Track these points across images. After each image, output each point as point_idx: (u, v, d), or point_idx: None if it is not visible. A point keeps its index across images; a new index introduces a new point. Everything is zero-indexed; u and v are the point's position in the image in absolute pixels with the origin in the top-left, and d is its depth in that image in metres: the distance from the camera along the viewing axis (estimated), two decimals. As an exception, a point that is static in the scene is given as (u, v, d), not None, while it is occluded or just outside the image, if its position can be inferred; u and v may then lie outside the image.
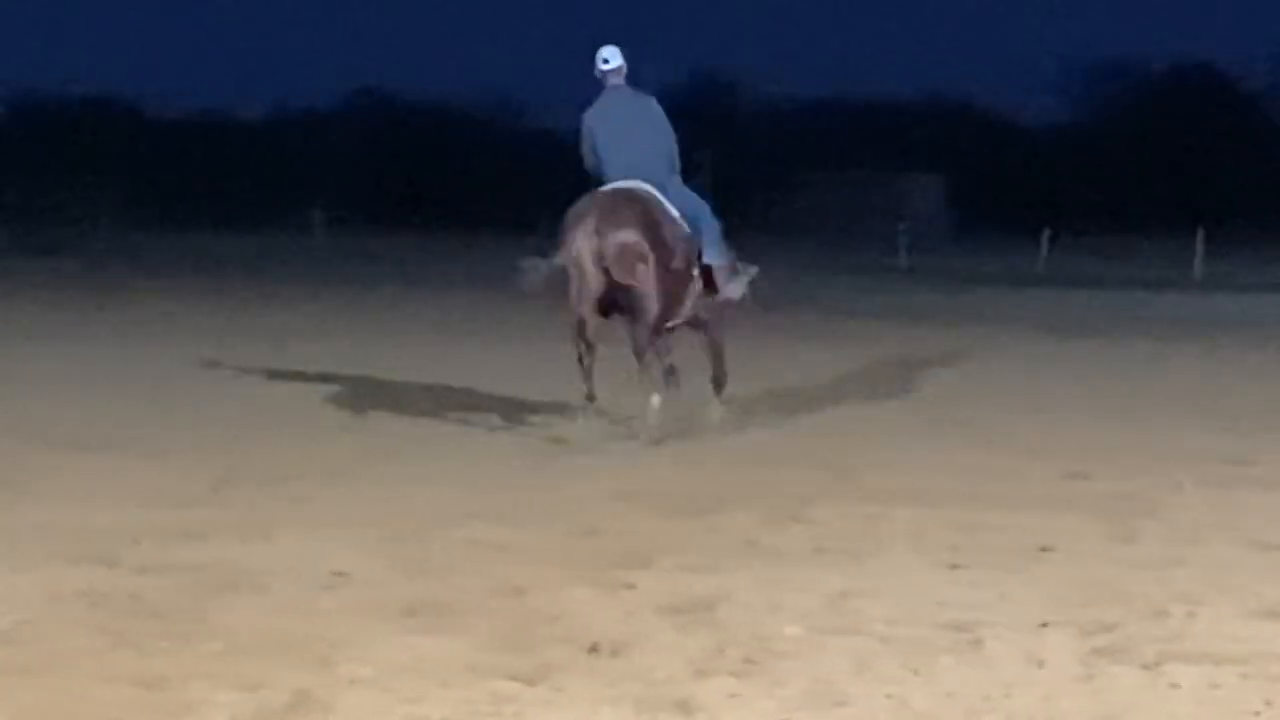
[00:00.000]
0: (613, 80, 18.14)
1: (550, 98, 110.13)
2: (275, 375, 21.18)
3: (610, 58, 18.05)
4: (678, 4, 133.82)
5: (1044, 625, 9.55)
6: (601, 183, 17.66)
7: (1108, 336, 29.41)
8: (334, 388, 19.96)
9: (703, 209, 17.97)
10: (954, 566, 11.09)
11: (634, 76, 18.27)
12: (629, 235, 16.91)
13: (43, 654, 8.73)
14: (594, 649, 8.92)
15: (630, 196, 17.34)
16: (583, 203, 17.52)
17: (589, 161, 18.12)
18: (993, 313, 34.16)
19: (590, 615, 9.64)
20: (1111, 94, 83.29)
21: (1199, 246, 51.64)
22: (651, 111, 18.23)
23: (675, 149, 18.11)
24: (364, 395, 19.36)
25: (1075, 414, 19.32)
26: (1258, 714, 8.10)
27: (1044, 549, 11.65)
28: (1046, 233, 51.24)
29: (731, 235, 17.97)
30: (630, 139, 17.83)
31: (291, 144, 71.54)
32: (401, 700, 7.99)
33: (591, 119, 18.02)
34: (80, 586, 10.08)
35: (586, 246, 16.92)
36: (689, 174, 18.17)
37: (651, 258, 16.84)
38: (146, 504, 12.76)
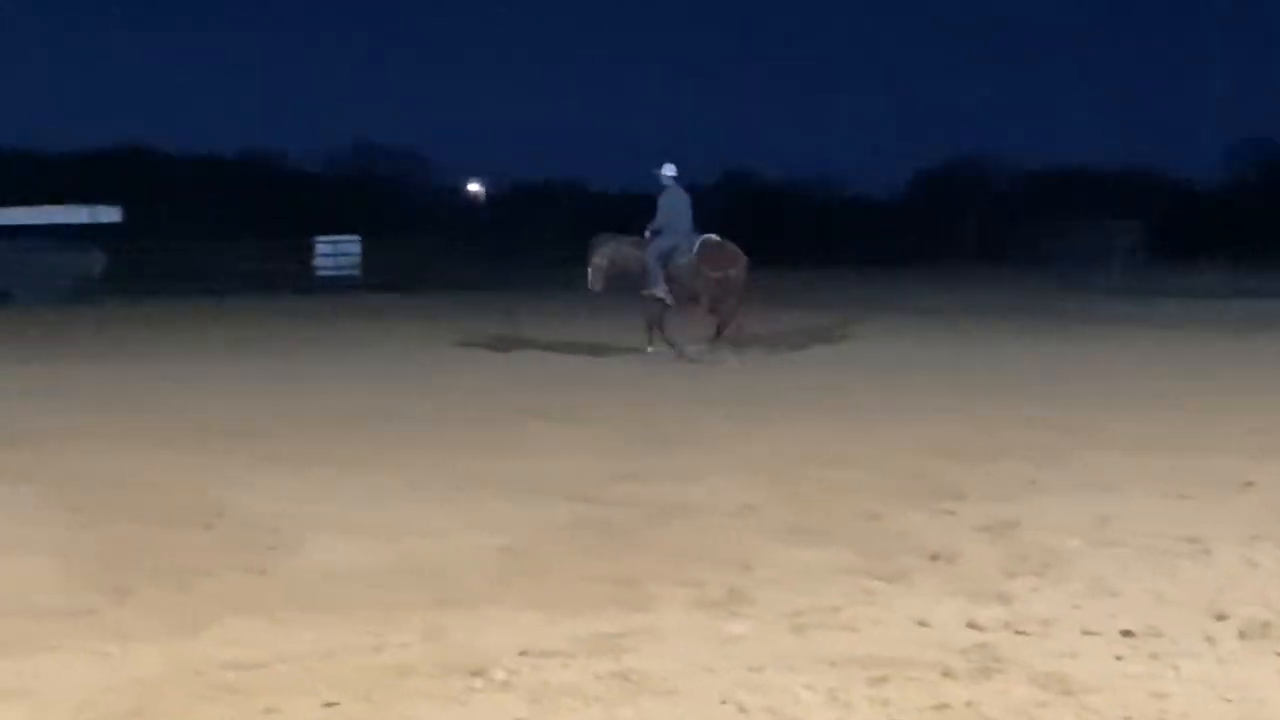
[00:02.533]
0: (669, 182, 22.60)
1: (854, 173, 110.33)
2: (675, 364, 21.34)
3: (670, 170, 22.52)
4: (951, 101, 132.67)
5: (1254, 538, 9.34)
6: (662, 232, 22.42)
7: (1270, 332, 28.55)
8: (722, 373, 20.06)
9: None
10: (1182, 496, 10.85)
11: (681, 179, 22.76)
12: (740, 261, 22.43)
13: (542, 563, 8.81)
14: (934, 557, 8.85)
15: (724, 242, 22.58)
16: (704, 243, 22.40)
17: (664, 222, 22.41)
18: (1181, 315, 33.42)
19: (927, 533, 9.56)
20: (1259, 160, 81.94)
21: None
22: (688, 200, 22.58)
23: None
24: (748, 378, 19.44)
25: (1249, 384, 18.89)
26: None
27: (1247, 484, 11.38)
28: (1214, 258, 51.11)
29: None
30: (687, 214, 22.52)
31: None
32: (801, 593, 7.97)
33: (669, 202, 22.44)
34: (564, 515, 10.18)
35: (719, 267, 22.12)
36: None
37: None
38: (599, 456, 12.86)
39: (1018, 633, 7.22)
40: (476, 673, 6.51)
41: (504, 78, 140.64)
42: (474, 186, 79.26)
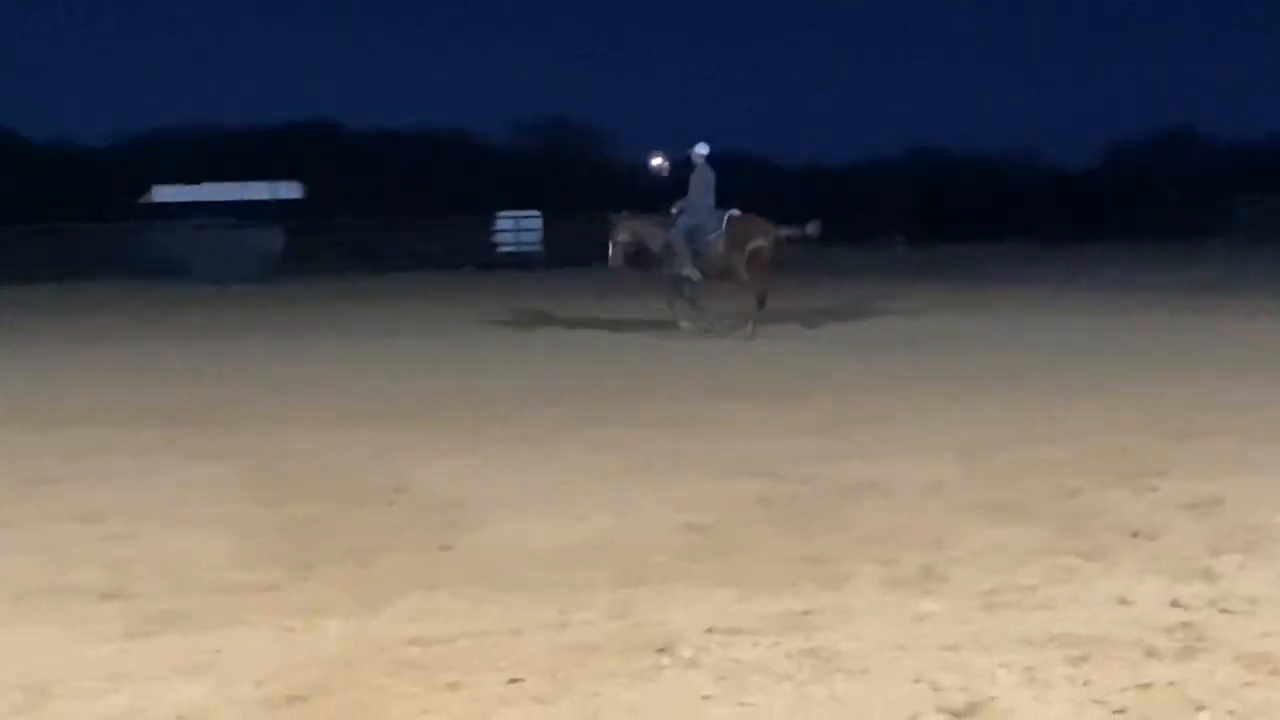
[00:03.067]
0: (700, 160, 23.07)
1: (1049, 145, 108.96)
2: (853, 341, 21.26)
3: (703, 149, 22.99)
4: (1156, 73, 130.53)
5: None
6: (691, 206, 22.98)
7: None
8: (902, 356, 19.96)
9: None
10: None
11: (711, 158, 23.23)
12: (771, 233, 22.95)
13: (731, 540, 8.81)
14: (1135, 534, 8.74)
15: (752, 216, 23.17)
16: (731, 219, 22.84)
17: (691, 201, 22.95)
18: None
19: (1127, 510, 9.44)
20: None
21: None
22: (714, 178, 23.07)
23: None
24: (927, 354, 19.32)
25: None
26: None
27: None
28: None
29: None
30: (712, 193, 23.04)
31: (870, 186, 71.70)
32: (996, 571, 7.90)
33: (698, 180, 22.92)
34: (754, 493, 10.17)
35: (752, 239, 22.57)
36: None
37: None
38: (788, 434, 12.84)
39: (1223, 611, 7.09)
40: (663, 650, 6.52)
41: (689, 52, 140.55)
42: (657, 160, 79.34)
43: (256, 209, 48.59)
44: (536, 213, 52.47)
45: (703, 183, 22.96)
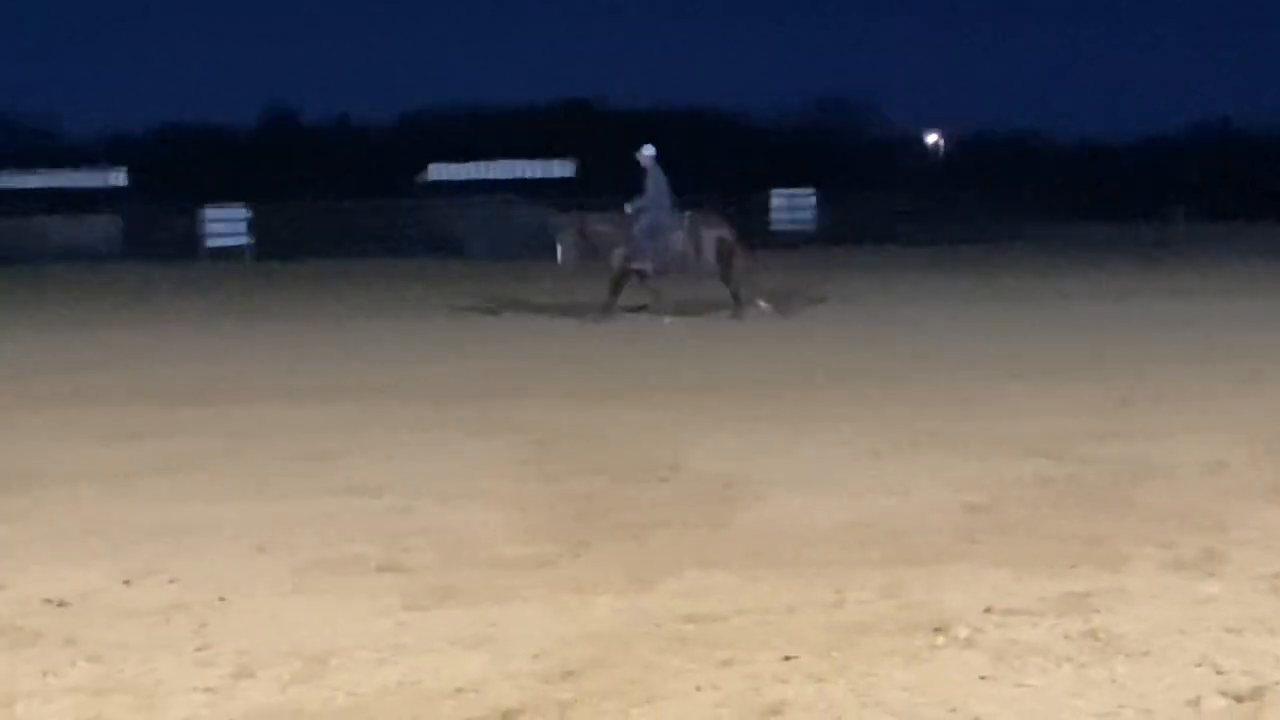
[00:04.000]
0: (649, 162, 23.48)
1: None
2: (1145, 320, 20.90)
3: (649, 151, 23.43)
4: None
5: None
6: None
7: None
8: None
9: None
10: None
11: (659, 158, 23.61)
12: (729, 225, 23.90)
13: (1008, 520, 8.73)
14: None
15: (709, 213, 24.73)
16: (693, 217, 23.74)
17: (649, 200, 23.36)
18: None
19: None
20: None
21: None
22: (666, 179, 23.55)
23: None
24: (1207, 332, 18.94)
25: None
26: None
27: None
28: None
29: None
30: (667, 192, 23.50)
31: (1153, 161, 70.36)
32: (1282, 555, 7.73)
33: (653, 181, 23.40)
34: (1030, 472, 10.06)
35: (714, 229, 23.54)
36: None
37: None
38: (1066, 414, 12.67)
39: None
40: (939, 630, 6.49)
41: (961, 24, 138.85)
42: (932, 137, 78.59)
43: (530, 186, 49.23)
44: (810, 190, 52.34)
45: (657, 182, 23.72)
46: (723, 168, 59.25)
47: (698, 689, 5.85)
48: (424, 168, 52.99)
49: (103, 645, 6.50)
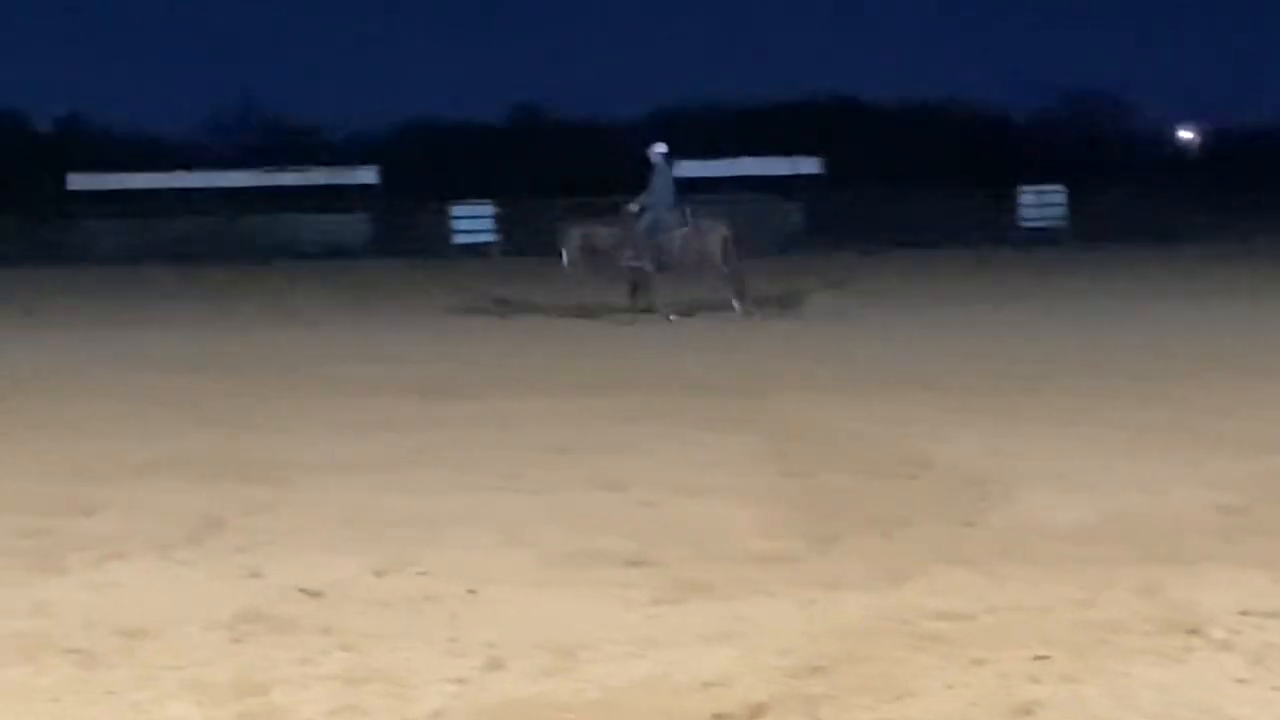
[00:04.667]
0: (659, 159, 23.90)
1: None
2: None
3: (661, 148, 23.89)
4: None
5: None
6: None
7: None
8: None
9: None
10: None
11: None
12: (726, 225, 24.08)
13: (1269, 522, 8.54)
14: None
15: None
16: (694, 215, 24.13)
17: (652, 198, 23.72)
18: None
19: None
20: None
21: None
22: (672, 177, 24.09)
23: None
24: None
25: None
26: None
27: None
28: None
29: None
30: (671, 190, 23.96)
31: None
32: None
33: (659, 178, 23.78)
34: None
35: (717, 235, 23.63)
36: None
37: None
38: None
39: None
40: (1193, 631, 6.39)
41: (1214, 14, 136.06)
42: (1186, 133, 77.13)
43: (776, 183, 49.24)
44: (1060, 187, 51.63)
45: (664, 181, 24.05)
46: (971, 163, 58.71)
47: (948, 687, 5.83)
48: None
49: (356, 635, 6.64)
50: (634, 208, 24.13)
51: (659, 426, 12.38)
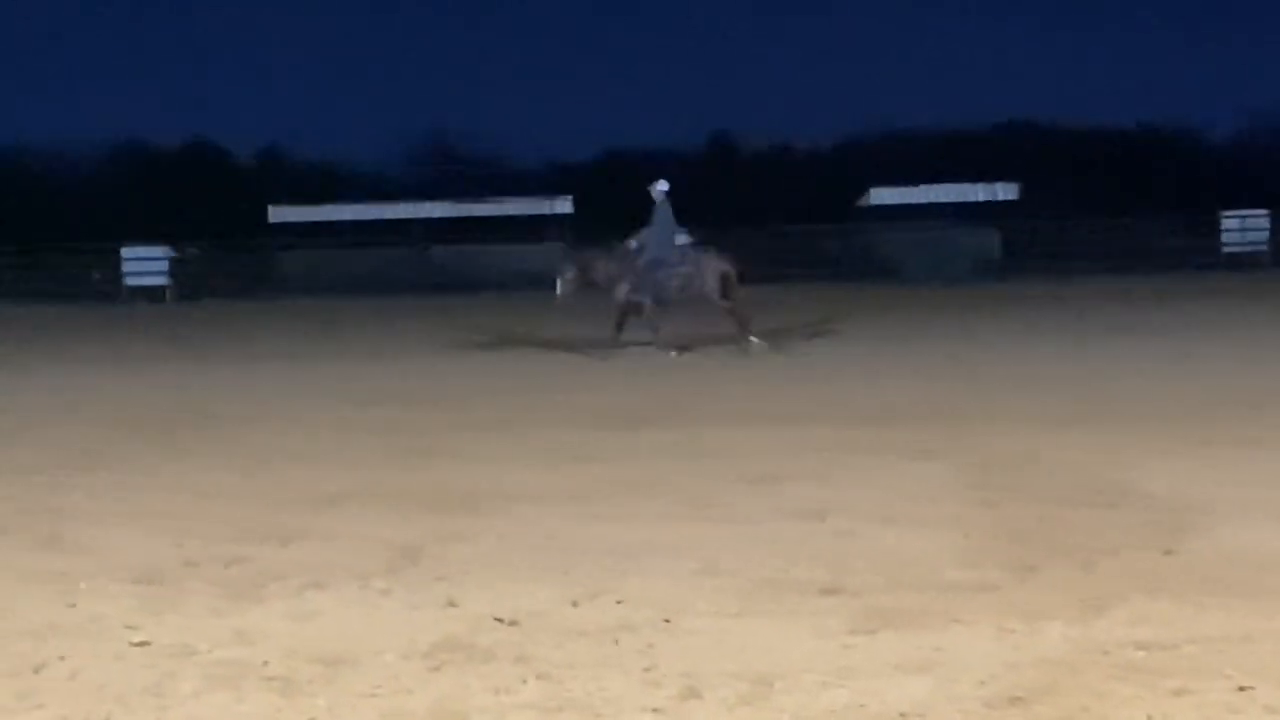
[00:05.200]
0: (661, 197, 23.87)
1: None
2: None
3: (663, 186, 23.96)
4: None
5: None
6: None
7: None
8: None
9: None
10: None
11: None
12: (728, 260, 23.77)
13: None
14: None
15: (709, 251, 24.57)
16: (696, 251, 24.54)
17: (652, 236, 23.75)
18: None
19: None
20: None
21: None
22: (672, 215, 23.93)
23: None
24: None
25: None
26: None
27: None
28: None
29: None
30: (673, 228, 24.07)
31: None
32: None
33: (660, 217, 23.75)
34: None
35: (715, 270, 23.43)
36: None
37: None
38: None
39: None
40: (1402, 665, 6.27)
41: None
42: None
43: (974, 210, 48.95)
44: (1265, 211, 50.74)
45: (664, 218, 24.03)
46: (1170, 188, 57.92)
47: (1149, 718, 5.77)
48: (864, 191, 53.03)
49: (552, 664, 6.71)
50: (633, 244, 24.33)
51: (853, 455, 12.36)
